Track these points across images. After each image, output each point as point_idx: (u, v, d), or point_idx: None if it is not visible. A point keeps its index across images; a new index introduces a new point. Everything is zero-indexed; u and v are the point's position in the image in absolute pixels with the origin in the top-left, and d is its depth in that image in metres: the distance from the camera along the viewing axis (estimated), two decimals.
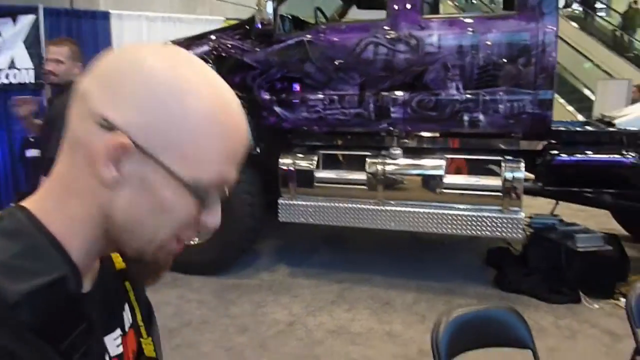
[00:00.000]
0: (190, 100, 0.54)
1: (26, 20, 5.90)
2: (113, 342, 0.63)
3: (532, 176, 4.18)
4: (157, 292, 3.59)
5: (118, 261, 0.69)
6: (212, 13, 8.17)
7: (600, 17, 16.98)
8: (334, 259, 4.89)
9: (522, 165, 3.88)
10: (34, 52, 5.96)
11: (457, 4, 16.70)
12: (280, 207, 4.34)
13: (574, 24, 15.75)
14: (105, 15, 6.36)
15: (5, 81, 5.90)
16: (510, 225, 3.84)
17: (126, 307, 0.69)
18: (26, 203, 0.57)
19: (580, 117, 9.16)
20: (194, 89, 0.55)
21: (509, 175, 3.85)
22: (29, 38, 5.94)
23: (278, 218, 4.38)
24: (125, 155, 0.53)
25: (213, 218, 0.59)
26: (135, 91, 0.53)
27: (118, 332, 0.65)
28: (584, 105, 10.72)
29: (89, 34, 6.24)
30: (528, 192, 4.13)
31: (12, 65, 5.93)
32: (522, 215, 3.90)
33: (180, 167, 0.54)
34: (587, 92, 11.73)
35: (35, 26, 5.93)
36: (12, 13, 5.86)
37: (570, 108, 10.52)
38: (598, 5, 17.61)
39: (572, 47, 14.04)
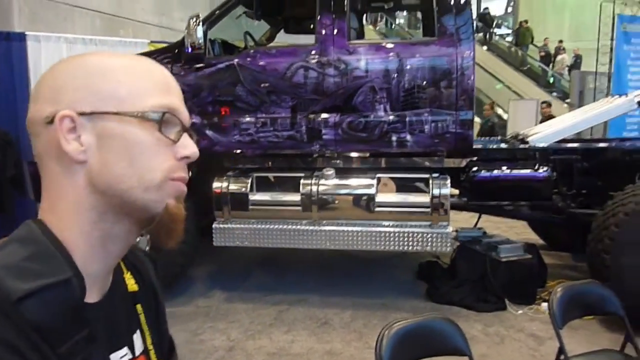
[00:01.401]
0: (106, 58, 0.64)
1: None
2: None
3: (457, 192, 4.41)
4: None
5: (130, 283, 0.72)
6: (136, 35, 7.99)
7: (498, 35, 18.53)
8: (270, 281, 4.88)
9: (448, 181, 4.09)
10: None
11: (379, 29, 17.42)
12: (215, 231, 4.29)
13: (484, 47, 16.92)
14: (21, 37, 6.05)
15: None
16: (439, 240, 4.02)
17: (138, 332, 0.71)
18: (39, 215, 0.63)
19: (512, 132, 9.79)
20: (101, 58, 0.64)
21: (436, 191, 4.04)
22: None
23: (212, 242, 4.32)
24: (77, 126, 0.60)
25: (187, 148, 0.65)
26: (58, 81, 0.62)
27: (125, 351, 0.67)
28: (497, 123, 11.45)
29: (3, 56, 5.92)
30: (454, 207, 4.35)
31: None
32: (450, 229, 4.10)
33: (124, 107, 0.61)
34: (499, 111, 12.55)
35: None
36: None
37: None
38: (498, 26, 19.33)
39: (484, 69, 15.05)
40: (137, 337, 0.70)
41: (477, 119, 9.24)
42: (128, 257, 0.73)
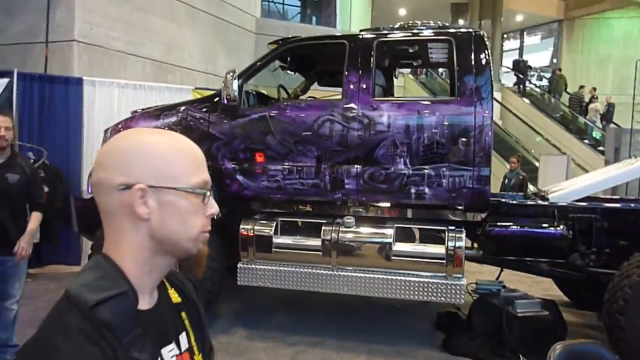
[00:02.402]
0: (157, 145, 0.88)
1: (0, 83, 6.11)
2: (168, 354, 0.90)
3: (474, 245, 4.52)
4: None
5: (174, 297, 0.98)
6: (182, 82, 8.55)
7: (532, 82, 18.69)
8: (290, 322, 5.04)
9: (464, 234, 4.21)
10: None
11: (419, 79, 17.79)
12: (240, 270, 4.52)
13: (526, 100, 17.03)
14: (79, 81, 6.63)
15: None
16: (452, 291, 4.13)
17: (184, 334, 0.96)
18: (104, 251, 0.89)
19: (532, 188, 9.77)
20: (156, 140, 0.89)
21: (451, 244, 4.18)
22: (1, 100, 6.13)
23: (237, 281, 4.55)
24: (146, 195, 0.85)
25: (213, 207, 0.92)
26: (128, 157, 0.86)
27: (172, 346, 0.92)
28: (535, 175, 11.42)
29: (61, 99, 6.48)
30: (470, 259, 4.45)
31: None
32: (464, 281, 4.19)
33: (177, 184, 0.87)
34: (537, 164, 12.51)
35: (8, 89, 6.14)
36: None
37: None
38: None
39: (526, 123, 15.13)
40: (182, 337, 0.95)
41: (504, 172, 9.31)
42: (171, 278, 0.99)
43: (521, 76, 18.48)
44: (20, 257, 3.54)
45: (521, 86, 18.44)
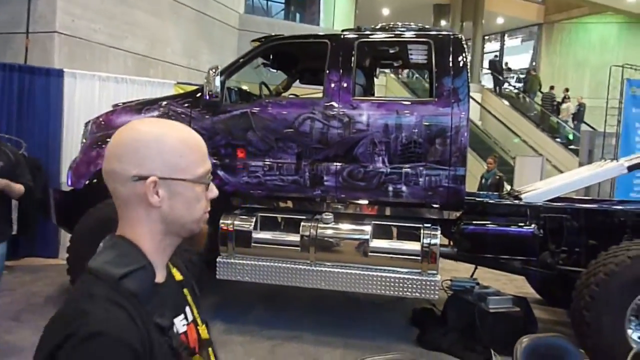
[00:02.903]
0: (168, 140, 0.97)
1: None
2: (180, 322, 1.02)
3: (446, 242, 4.64)
4: None
5: (177, 275, 1.10)
6: (164, 76, 8.52)
7: (507, 82, 19.16)
8: (267, 316, 5.11)
9: (439, 232, 4.33)
10: None
11: (401, 79, 17.97)
12: (219, 265, 4.57)
13: (505, 102, 17.34)
14: (59, 73, 6.58)
15: None
16: (427, 287, 4.24)
17: (187, 307, 1.08)
18: (118, 232, 1.00)
19: (507, 188, 9.98)
20: (167, 134, 0.97)
21: (427, 241, 4.29)
22: None
23: (216, 275, 4.60)
24: (157, 186, 0.95)
25: (213, 192, 1.04)
26: (142, 150, 0.95)
27: (182, 317, 1.04)
28: (511, 176, 11.65)
29: (41, 90, 6.43)
30: (445, 256, 4.57)
31: None
32: (438, 277, 4.31)
33: (185, 175, 0.98)
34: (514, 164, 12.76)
35: None
36: None
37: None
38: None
39: (503, 123, 15.42)
40: (187, 310, 1.07)
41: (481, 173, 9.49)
42: (172, 259, 1.09)
43: (498, 76, 18.83)
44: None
45: (497, 87, 18.81)
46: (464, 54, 4.45)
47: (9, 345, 4.05)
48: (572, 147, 14.54)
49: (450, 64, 4.39)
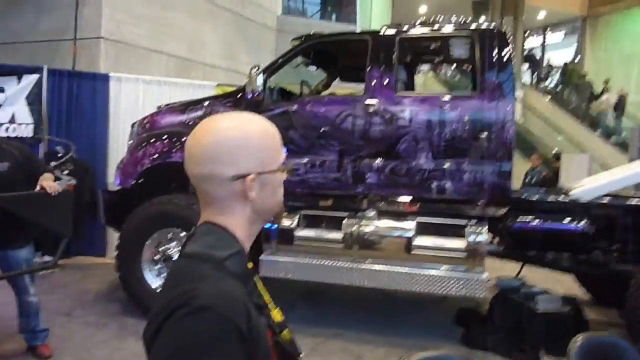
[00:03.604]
0: (254, 135, 1.01)
1: (30, 79, 6.29)
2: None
3: (494, 239, 4.54)
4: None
5: (249, 264, 1.13)
6: (205, 78, 8.67)
7: (547, 76, 18.61)
8: (311, 313, 5.11)
9: (485, 229, 4.24)
10: (35, 108, 6.32)
11: (439, 77, 17.74)
12: (262, 262, 4.61)
13: (545, 98, 16.88)
14: (105, 78, 6.78)
15: (4, 134, 6.20)
16: (473, 285, 4.15)
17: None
18: (208, 219, 1.02)
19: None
20: (254, 130, 1.01)
21: (472, 238, 4.20)
22: (31, 95, 6.31)
23: (259, 273, 4.63)
24: (254, 181, 0.99)
25: (286, 172, 1.08)
26: (234, 150, 0.98)
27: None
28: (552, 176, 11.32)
29: (88, 94, 6.64)
30: (492, 254, 4.47)
31: (12, 120, 6.27)
32: (485, 276, 4.22)
33: (274, 166, 1.03)
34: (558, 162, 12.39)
35: (38, 85, 6.32)
36: (18, 72, 6.27)
37: None
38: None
39: (546, 120, 15.03)
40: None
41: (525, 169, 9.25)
42: None
43: (535, 70, 18.34)
44: (51, 189, 3.47)
45: (536, 81, 18.32)
46: (508, 48, 4.35)
47: (60, 339, 4.18)
48: (613, 138, 14.09)
49: (495, 58, 4.30)
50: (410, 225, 4.39)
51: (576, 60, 21.53)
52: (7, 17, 7.89)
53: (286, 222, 4.62)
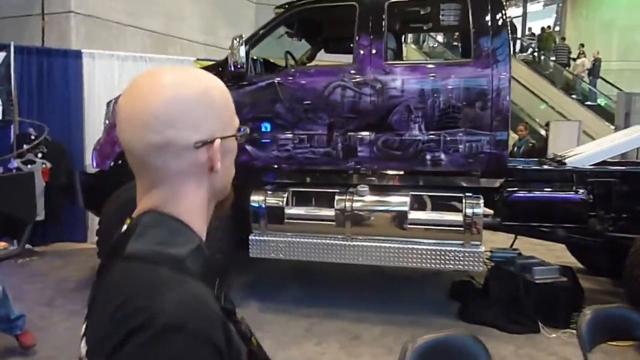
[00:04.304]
0: (213, 91, 0.81)
1: None
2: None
3: (491, 212, 4.41)
4: None
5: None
6: (183, 53, 8.34)
7: (520, 39, 18.64)
8: (303, 293, 4.98)
9: (481, 201, 4.11)
10: (3, 88, 5.98)
11: (423, 50, 17.51)
12: (251, 243, 4.43)
13: (523, 66, 16.79)
14: (78, 54, 6.44)
15: None
16: (471, 259, 4.04)
17: None
18: (154, 207, 0.79)
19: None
20: (208, 84, 0.81)
21: (469, 211, 4.07)
22: (0, 75, 5.96)
23: (249, 254, 4.46)
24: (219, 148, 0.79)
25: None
26: (196, 111, 0.77)
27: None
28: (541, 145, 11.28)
29: (60, 72, 6.31)
30: (488, 227, 4.35)
31: None
32: (482, 249, 4.10)
33: (234, 130, 0.84)
34: (543, 132, 12.35)
35: (6, 63, 5.97)
36: None
37: None
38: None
39: (528, 88, 14.95)
40: None
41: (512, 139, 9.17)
42: None
43: (514, 38, 18.23)
44: None
45: (514, 49, 18.24)
46: (502, 12, 4.17)
47: (42, 331, 3.98)
48: (588, 103, 14.10)
49: (489, 23, 4.11)
50: (404, 199, 4.24)
51: (557, 29, 21.45)
52: None
53: (275, 200, 4.44)
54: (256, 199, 4.45)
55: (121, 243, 0.75)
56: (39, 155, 5.85)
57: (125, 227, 0.79)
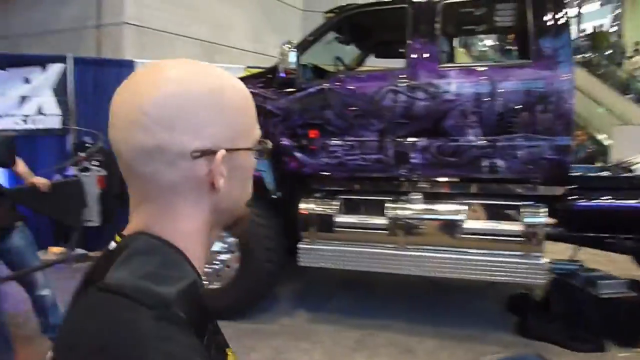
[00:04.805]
0: (226, 93, 0.67)
1: (55, 69, 6.14)
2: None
3: (553, 221, 4.18)
4: None
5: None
6: (232, 61, 8.42)
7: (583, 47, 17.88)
8: (354, 304, 4.86)
9: (544, 210, 3.89)
10: (62, 99, 6.18)
11: (470, 52, 17.12)
12: (300, 251, 4.36)
13: (582, 70, 16.13)
14: (130, 64, 6.58)
15: (32, 127, 6.09)
16: (532, 271, 3.82)
17: None
18: (133, 229, 0.67)
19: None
20: (223, 83, 0.68)
21: (530, 220, 3.86)
22: (57, 85, 6.16)
23: (298, 262, 4.39)
24: (224, 161, 0.66)
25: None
26: (197, 112, 0.64)
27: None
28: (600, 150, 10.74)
29: (115, 81, 6.38)
30: (550, 237, 4.12)
31: (39, 112, 6.14)
32: (544, 261, 3.88)
33: (249, 142, 0.70)
34: (599, 137, 11.77)
35: (63, 74, 6.16)
36: (42, 62, 6.11)
37: None
38: None
39: (583, 91, 14.33)
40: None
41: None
42: None
43: None
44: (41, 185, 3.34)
45: None
46: (564, 10, 3.95)
47: None
48: None
49: (550, 21, 3.90)
50: (459, 207, 4.07)
51: (615, 29, 20.55)
52: (30, 7, 7.76)
53: (325, 208, 4.35)
54: (305, 206, 4.38)
55: (102, 266, 0.62)
56: (95, 163, 5.99)
57: (112, 244, 0.66)
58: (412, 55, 4.14)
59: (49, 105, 6.15)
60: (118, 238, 0.67)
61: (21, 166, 3.37)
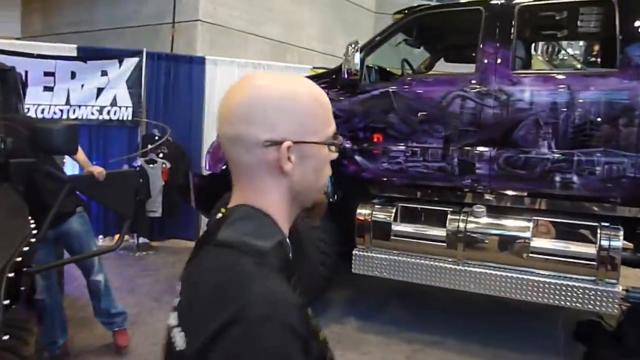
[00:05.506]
0: (300, 97, 0.85)
1: (130, 63, 6.36)
2: None
3: (630, 245, 3.83)
4: None
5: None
6: (301, 61, 8.43)
7: None
8: (406, 316, 4.68)
9: (621, 233, 3.56)
10: (135, 91, 6.39)
11: (550, 60, 16.28)
12: (355, 258, 4.24)
13: None
14: (201, 60, 6.73)
15: (107, 117, 6.33)
16: (604, 299, 3.51)
17: None
18: (243, 201, 0.87)
19: None
20: (300, 92, 0.86)
21: (605, 243, 3.54)
22: (131, 79, 6.38)
23: (351, 269, 4.28)
24: (290, 150, 0.84)
25: (334, 154, 0.91)
26: (272, 111, 0.83)
27: None
28: None
29: (185, 77, 6.63)
30: (625, 262, 3.77)
31: (113, 103, 6.38)
32: (619, 288, 3.55)
33: (319, 137, 0.87)
34: None
35: (138, 68, 6.37)
36: (120, 56, 6.35)
37: None
38: None
39: None
40: None
41: None
42: None
43: None
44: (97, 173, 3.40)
45: None
46: None
47: (147, 326, 4.10)
48: None
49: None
50: (526, 224, 3.81)
51: None
52: (112, 3, 8.11)
53: (383, 215, 4.21)
54: (362, 212, 4.26)
55: (214, 230, 0.83)
56: (160, 155, 6.15)
57: (219, 215, 0.86)
58: (484, 60, 3.92)
59: (122, 97, 6.38)
60: (223, 210, 0.87)
61: (81, 155, 3.50)
